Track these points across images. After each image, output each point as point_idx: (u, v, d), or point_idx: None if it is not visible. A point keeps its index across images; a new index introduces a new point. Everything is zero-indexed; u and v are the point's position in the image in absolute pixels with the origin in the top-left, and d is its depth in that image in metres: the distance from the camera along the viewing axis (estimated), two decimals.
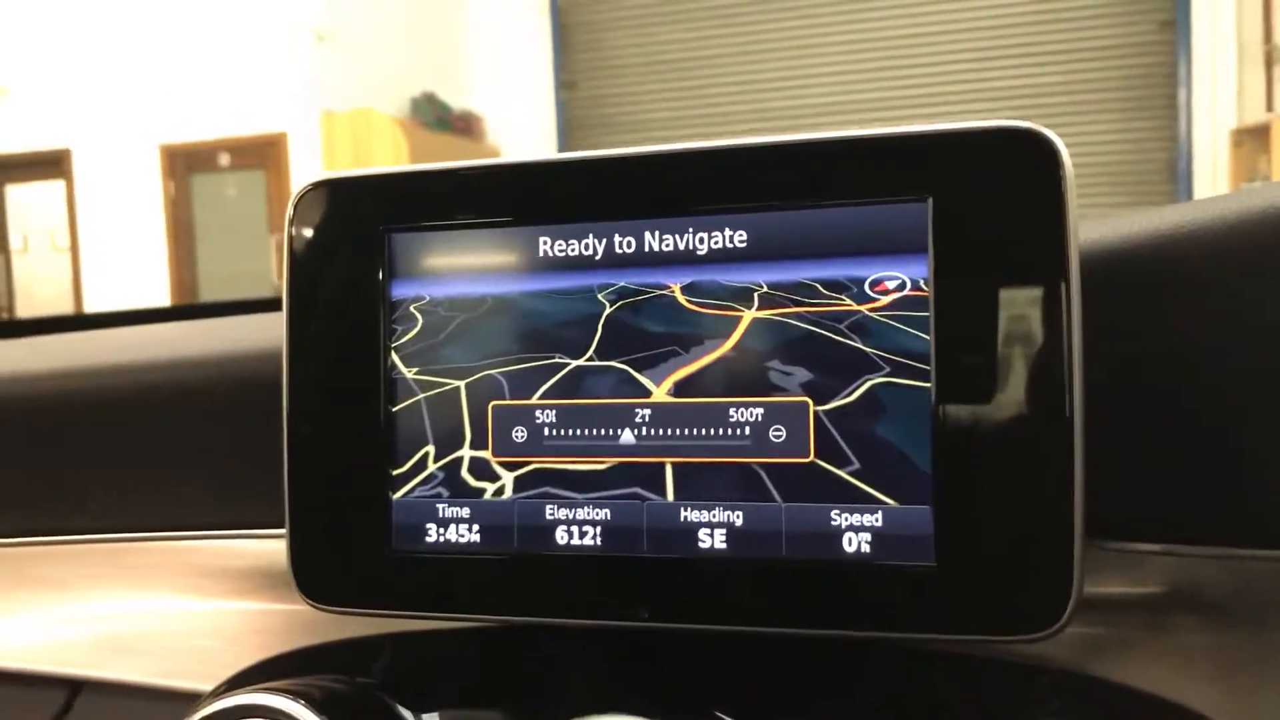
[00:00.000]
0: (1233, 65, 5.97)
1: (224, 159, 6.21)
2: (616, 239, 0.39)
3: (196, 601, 0.52)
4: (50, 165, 6.40)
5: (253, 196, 6.17)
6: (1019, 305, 0.35)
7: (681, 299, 0.38)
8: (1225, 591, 0.39)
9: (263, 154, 6.08)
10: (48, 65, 6.31)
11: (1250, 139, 5.63)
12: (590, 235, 0.39)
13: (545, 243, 0.39)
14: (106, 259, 6.30)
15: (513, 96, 7.14)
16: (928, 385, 0.36)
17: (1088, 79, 6.21)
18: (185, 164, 6.23)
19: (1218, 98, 6.00)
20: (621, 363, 0.39)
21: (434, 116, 6.60)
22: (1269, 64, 5.81)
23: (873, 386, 0.37)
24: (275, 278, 5.92)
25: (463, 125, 6.87)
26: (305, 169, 5.90)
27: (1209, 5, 5.99)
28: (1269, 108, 5.68)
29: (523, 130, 7.07)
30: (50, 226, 6.57)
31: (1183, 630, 0.40)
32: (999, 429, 0.35)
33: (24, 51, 6.33)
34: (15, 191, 6.66)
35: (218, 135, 6.12)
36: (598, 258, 0.39)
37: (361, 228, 0.41)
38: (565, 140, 7.03)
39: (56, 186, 6.46)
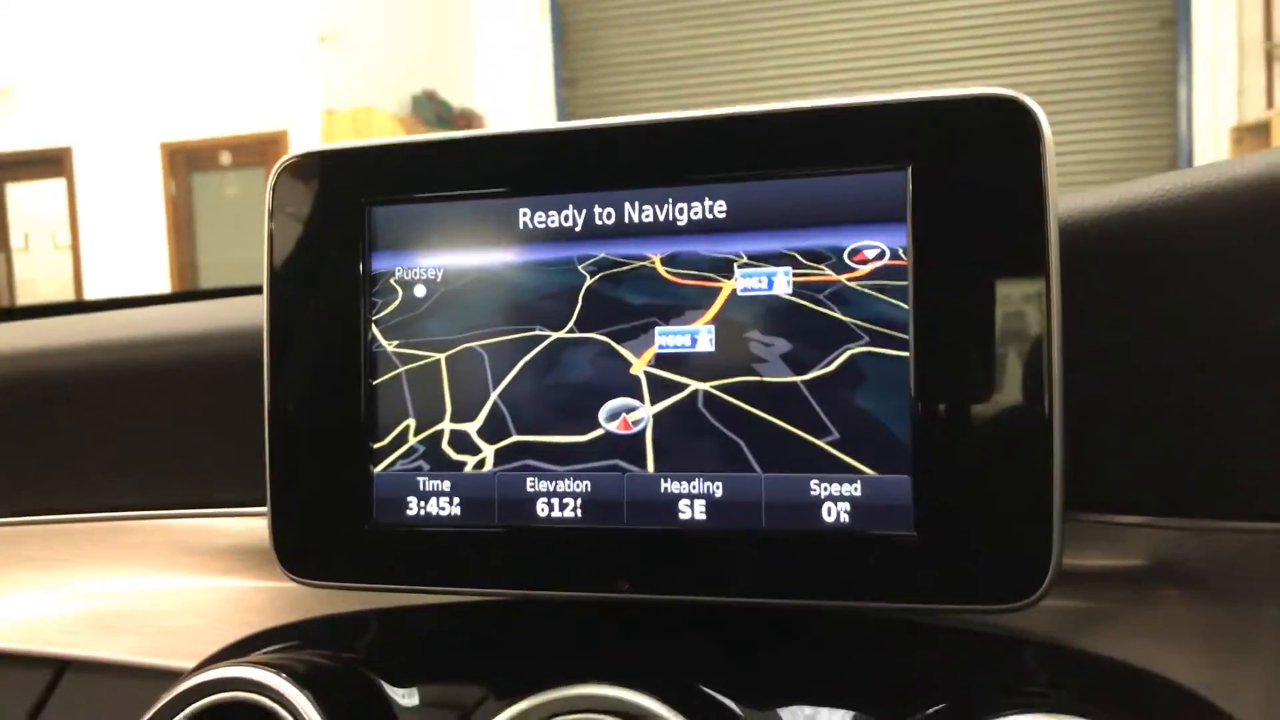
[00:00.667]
0: (1233, 62, 5.96)
1: (225, 157, 6.21)
2: (596, 210, 0.39)
3: (180, 579, 0.52)
4: (52, 163, 6.40)
5: (254, 195, 6.16)
6: (998, 274, 0.35)
7: (661, 270, 0.38)
8: (1206, 563, 0.39)
9: (264, 152, 6.07)
10: (51, 64, 6.31)
11: (1251, 136, 5.62)
12: (570, 206, 0.39)
13: (525, 214, 0.39)
14: (107, 257, 6.30)
15: (513, 94, 7.14)
16: (906, 355, 0.36)
17: (1088, 76, 6.20)
18: (186, 162, 6.23)
19: (1218, 95, 5.98)
20: (602, 334, 0.39)
21: (434, 114, 6.59)
22: (1269, 61, 5.80)
23: (852, 356, 0.36)
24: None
25: (463, 123, 6.86)
26: None
27: (1210, 3, 5.98)
28: (1269, 105, 5.67)
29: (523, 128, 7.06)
30: (51, 225, 6.57)
31: (1164, 602, 0.40)
32: (978, 399, 0.35)
33: (27, 50, 6.33)
34: (17, 189, 6.66)
35: (219, 133, 6.12)
36: (577, 229, 0.39)
37: (342, 201, 0.41)
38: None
39: (58, 185, 6.45)
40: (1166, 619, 0.40)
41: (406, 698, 0.41)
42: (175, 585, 0.52)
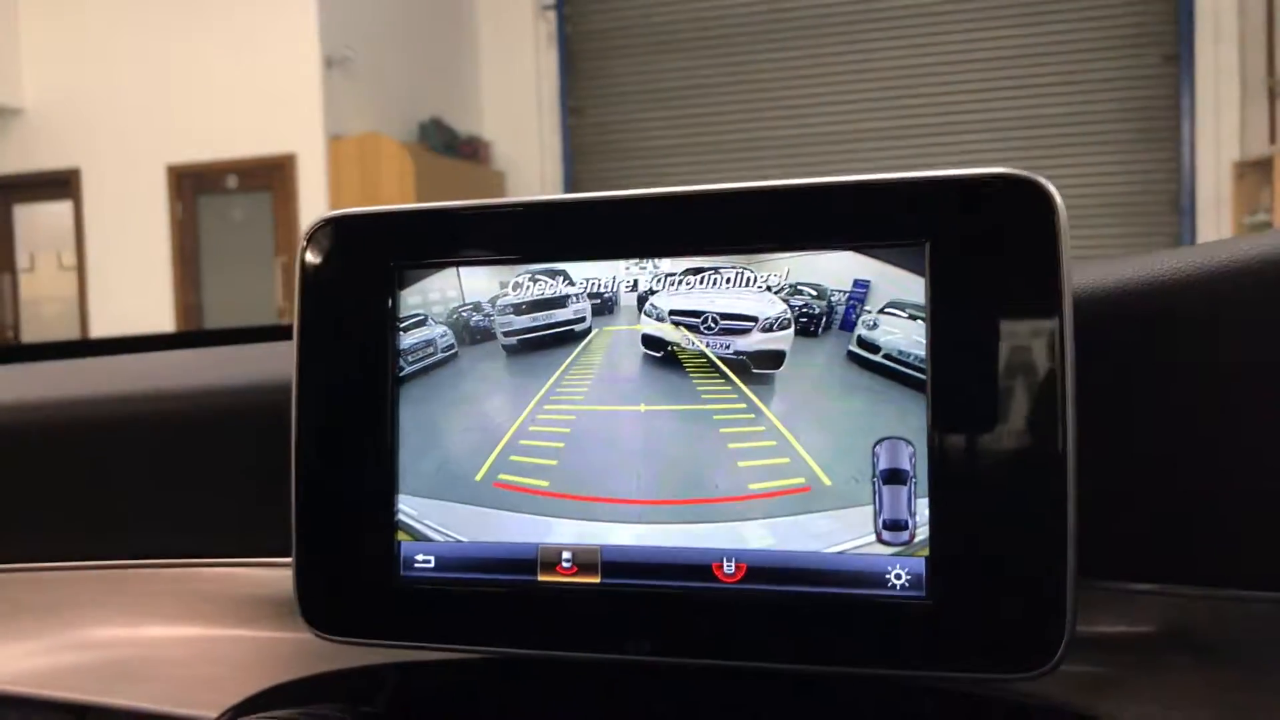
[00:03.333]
0: (1236, 98, 6.00)
1: (231, 181, 6.24)
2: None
3: (200, 629, 0.52)
4: (59, 185, 6.43)
5: (259, 218, 6.19)
6: (1014, 346, 0.36)
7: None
8: (1216, 631, 0.40)
9: (270, 176, 6.10)
10: (59, 86, 6.36)
11: (1253, 172, 5.65)
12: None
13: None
14: (112, 278, 6.33)
15: (519, 122, 7.19)
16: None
17: (1091, 111, 6.24)
18: (193, 185, 6.26)
19: (1221, 131, 6.02)
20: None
21: (441, 141, 6.64)
22: (1272, 97, 5.84)
23: None
24: (280, 299, 5.94)
25: (469, 150, 6.90)
26: (313, 192, 5.93)
27: (1212, 39, 6.03)
28: (1272, 140, 5.71)
29: (528, 156, 7.11)
30: (57, 246, 6.60)
31: (1175, 669, 0.40)
32: (993, 467, 0.36)
33: (37, 72, 6.38)
34: (23, 211, 6.69)
35: (226, 157, 6.15)
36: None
37: (370, 262, 0.42)
38: (571, 165, 7.07)
39: (64, 206, 6.48)
40: (1177, 685, 0.40)
41: None
42: (195, 634, 0.52)
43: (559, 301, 0.40)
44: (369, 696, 0.46)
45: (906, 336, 0.37)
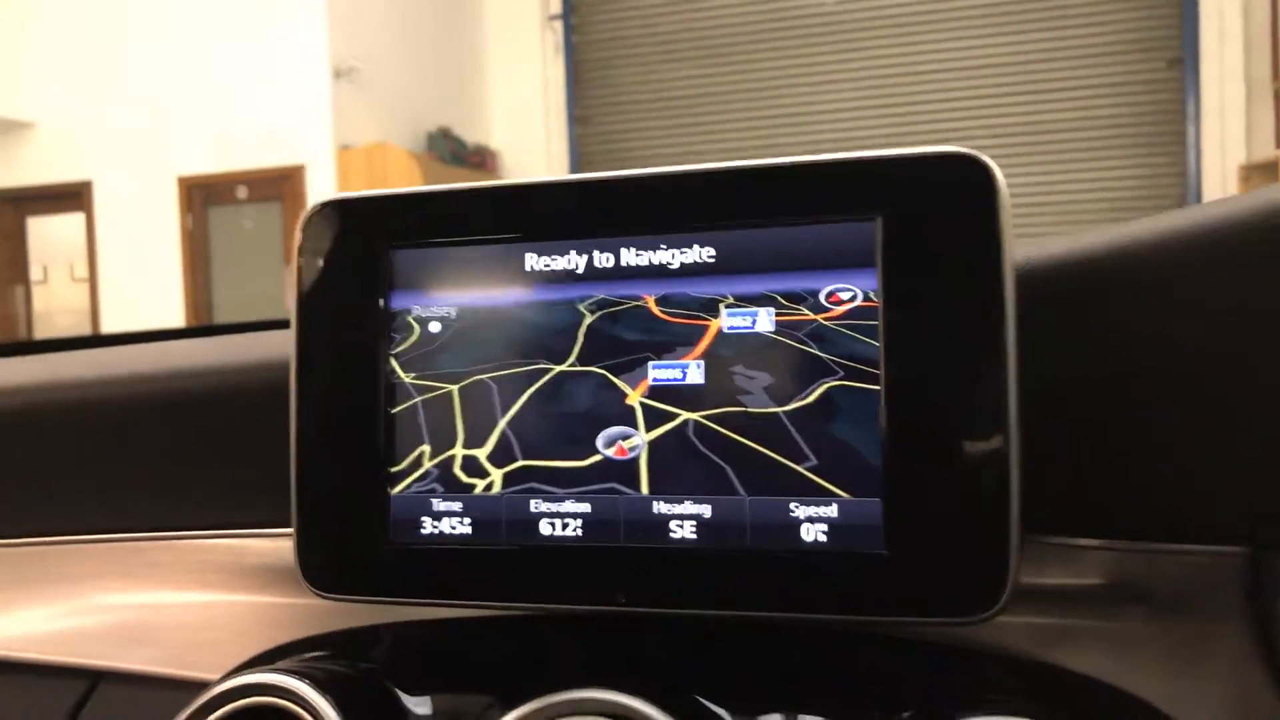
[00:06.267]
0: (1241, 102, 6.02)
1: (241, 191, 6.30)
2: (596, 254, 0.43)
3: (206, 596, 0.55)
4: (71, 197, 6.50)
5: (269, 228, 6.25)
6: (960, 315, 0.38)
7: (655, 309, 0.42)
8: (1159, 583, 0.42)
9: (279, 187, 6.16)
10: (71, 99, 6.43)
11: (1259, 174, 5.66)
12: (572, 251, 0.43)
13: (532, 258, 0.43)
14: (124, 290, 6.39)
15: (526, 131, 7.25)
16: (877, 389, 0.39)
17: (1097, 116, 6.26)
18: (203, 196, 6.32)
19: (1226, 134, 6.04)
20: (600, 368, 0.42)
21: (449, 151, 6.69)
22: (1277, 100, 5.86)
23: (828, 389, 0.40)
24: (287, 306, 5.98)
25: (477, 159, 6.96)
26: None
27: (1217, 43, 6.05)
28: (1278, 143, 5.72)
29: (536, 165, 7.16)
30: (70, 257, 6.67)
31: (1122, 619, 0.43)
32: (942, 428, 0.38)
33: (48, 85, 6.45)
34: (36, 223, 6.76)
35: (236, 168, 6.21)
36: (579, 272, 0.43)
37: (365, 244, 0.45)
38: (578, 173, 7.12)
39: (77, 218, 6.55)
40: (1125, 635, 0.43)
41: (419, 705, 0.44)
42: (201, 601, 0.55)
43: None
44: (366, 653, 0.48)
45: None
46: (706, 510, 0.41)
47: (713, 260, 0.41)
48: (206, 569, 0.55)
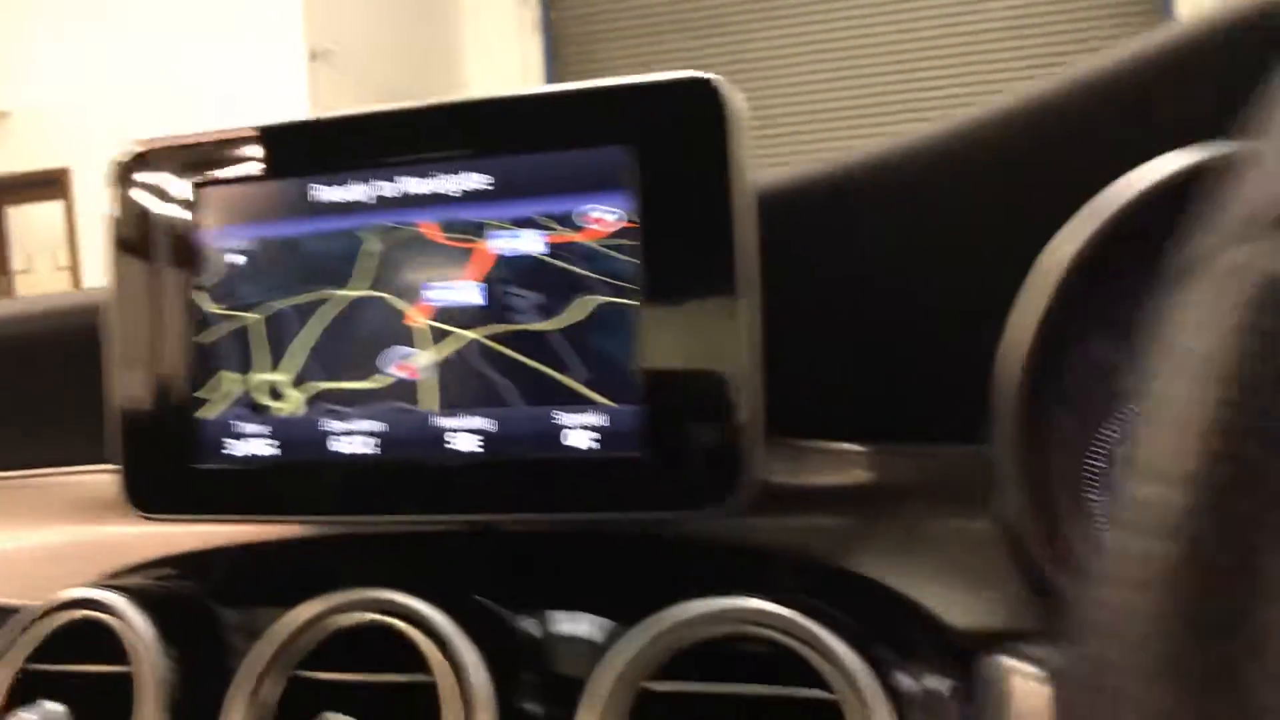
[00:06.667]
0: None
1: None
2: (375, 184, 0.45)
3: (29, 531, 0.58)
4: (49, 185, 6.49)
5: None
6: (702, 233, 0.41)
7: (431, 234, 0.44)
8: (924, 481, 0.45)
9: None
10: (45, 87, 6.41)
11: None
12: (353, 182, 0.45)
13: (316, 190, 0.46)
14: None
15: None
16: (637, 304, 0.42)
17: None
18: None
19: None
20: (383, 292, 0.45)
21: None
22: None
23: (596, 307, 0.42)
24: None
25: None
26: None
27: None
28: None
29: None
30: (53, 247, 6.66)
31: (898, 517, 0.45)
32: (691, 340, 0.41)
33: (21, 74, 6.44)
34: (18, 212, 6.75)
35: None
36: (360, 201, 0.45)
37: (173, 185, 0.47)
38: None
39: (56, 206, 6.54)
40: (900, 532, 0.45)
41: (228, 615, 0.47)
42: (25, 534, 0.58)
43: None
44: (184, 574, 0.51)
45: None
46: (489, 424, 0.44)
47: (489, 187, 0.44)
48: (24, 506, 0.58)
